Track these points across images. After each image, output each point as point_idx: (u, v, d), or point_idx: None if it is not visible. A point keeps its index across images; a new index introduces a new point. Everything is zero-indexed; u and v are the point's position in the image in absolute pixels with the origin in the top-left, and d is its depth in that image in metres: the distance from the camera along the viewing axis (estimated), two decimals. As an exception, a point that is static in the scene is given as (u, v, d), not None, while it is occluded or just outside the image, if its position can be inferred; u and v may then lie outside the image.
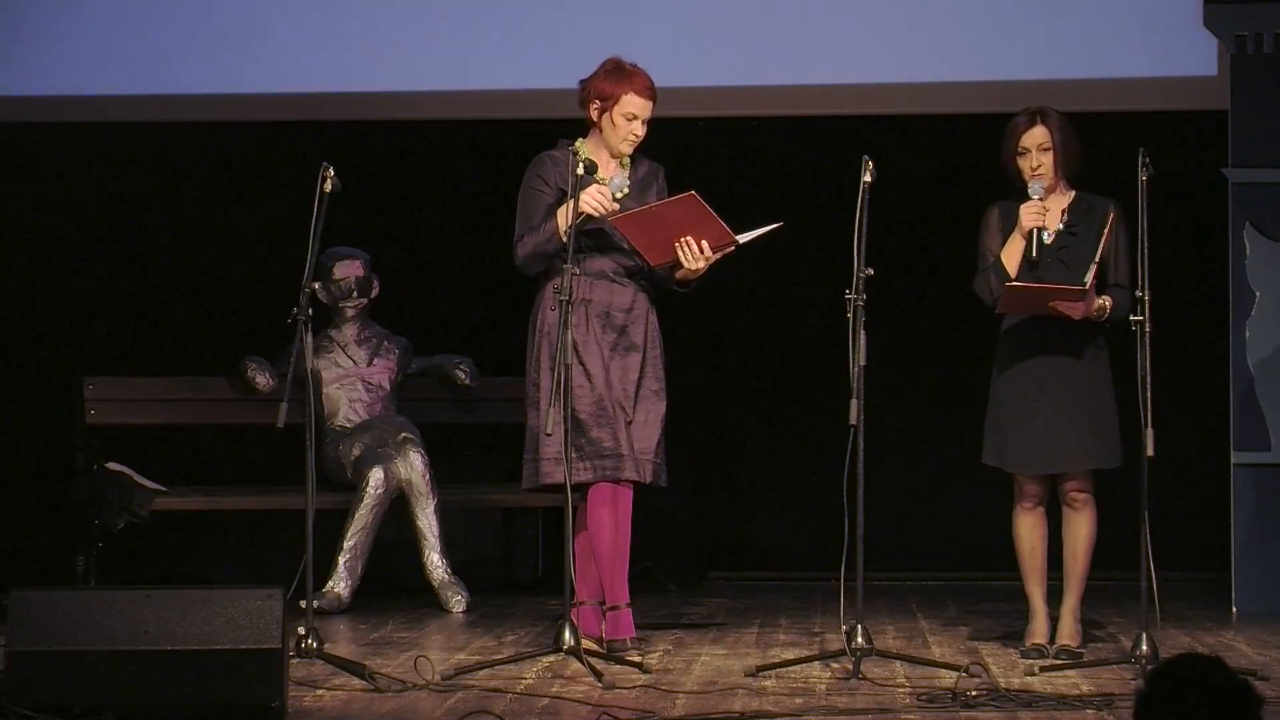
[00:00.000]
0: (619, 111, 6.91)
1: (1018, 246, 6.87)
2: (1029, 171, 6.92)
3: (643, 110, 6.92)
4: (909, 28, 9.19)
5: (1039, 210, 6.83)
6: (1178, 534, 8.23)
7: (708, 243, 6.77)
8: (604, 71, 6.96)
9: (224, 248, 9.79)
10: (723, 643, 7.36)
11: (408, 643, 7.38)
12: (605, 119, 6.94)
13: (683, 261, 6.81)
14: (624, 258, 6.95)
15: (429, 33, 9.33)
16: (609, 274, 6.95)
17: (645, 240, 6.79)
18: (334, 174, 6.66)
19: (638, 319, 6.98)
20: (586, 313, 6.88)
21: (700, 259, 6.80)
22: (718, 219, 6.73)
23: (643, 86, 6.92)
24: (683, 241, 6.77)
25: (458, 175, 9.74)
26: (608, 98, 6.92)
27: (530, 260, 6.92)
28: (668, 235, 6.76)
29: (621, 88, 6.91)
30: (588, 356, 6.83)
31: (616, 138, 6.94)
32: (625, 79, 6.92)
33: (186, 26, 9.41)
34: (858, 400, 6.38)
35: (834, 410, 6.61)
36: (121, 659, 5.46)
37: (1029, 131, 6.92)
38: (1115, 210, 6.90)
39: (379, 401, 8.96)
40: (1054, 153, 6.90)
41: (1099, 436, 6.91)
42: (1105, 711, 5.78)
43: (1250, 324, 8.37)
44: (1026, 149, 6.92)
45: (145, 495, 8.72)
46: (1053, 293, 6.75)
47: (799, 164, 9.51)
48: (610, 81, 6.93)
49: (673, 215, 6.72)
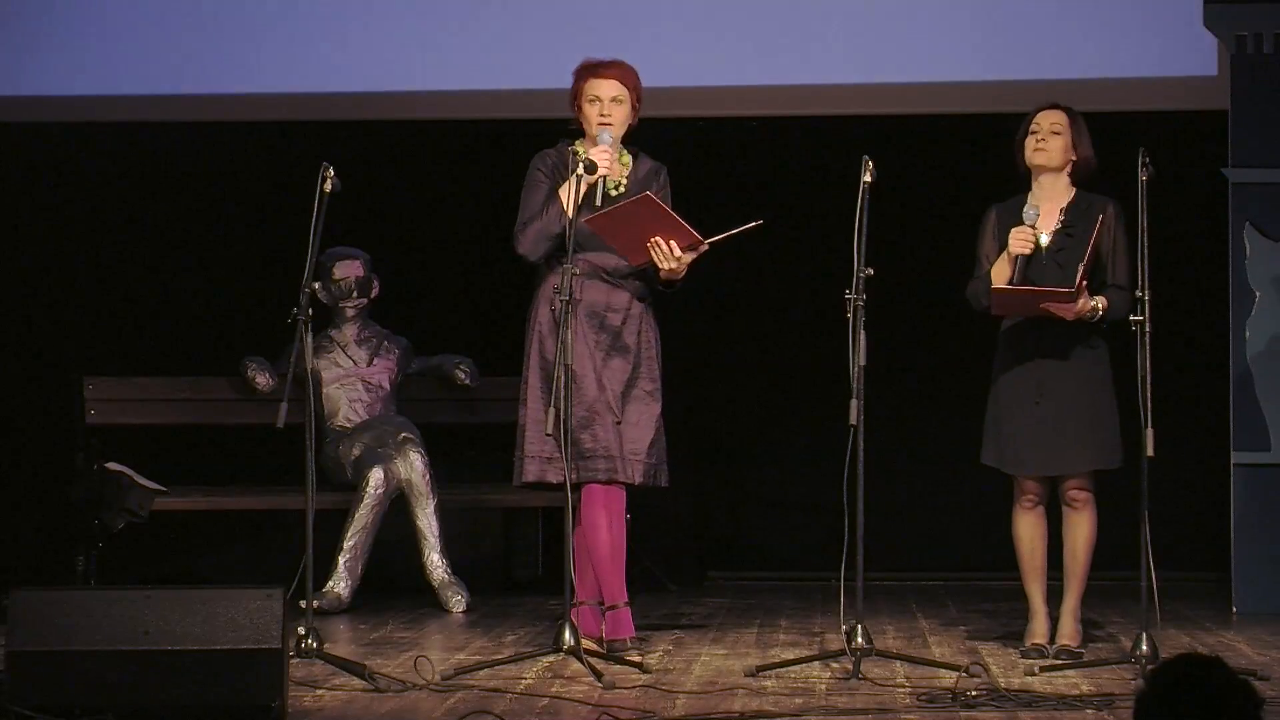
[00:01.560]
0: (583, 100, 7.03)
1: (1005, 267, 6.87)
2: (1034, 147, 6.90)
3: (604, 90, 6.99)
4: (909, 28, 9.20)
5: (1028, 238, 6.82)
6: (1178, 534, 8.23)
7: (676, 243, 6.80)
8: (574, 72, 7.04)
9: (224, 248, 9.79)
10: (723, 643, 7.36)
11: (408, 643, 7.38)
12: (580, 115, 7.03)
13: (657, 262, 6.83)
14: (619, 258, 6.95)
15: (429, 33, 9.33)
16: (603, 274, 6.96)
17: (621, 241, 6.83)
18: (334, 174, 6.67)
19: (631, 320, 6.98)
20: (577, 313, 6.88)
21: (671, 259, 6.82)
22: (678, 220, 6.74)
23: (599, 67, 7.02)
24: (653, 242, 6.79)
25: (458, 175, 9.74)
26: (575, 94, 7.06)
27: (535, 245, 6.93)
28: (639, 236, 6.79)
29: (582, 79, 7.05)
30: (575, 358, 6.83)
31: (590, 126, 7.00)
32: (585, 70, 7.06)
33: (187, 27, 9.41)
34: (858, 400, 6.38)
35: (834, 410, 6.61)
36: (121, 659, 5.46)
37: (1045, 111, 6.92)
38: (1113, 210, 6.90)
39: (379, 401, 8.96)
40: (1063, 138, 6.89)
41: (1098, 437, 6.90)
42: (1105, 711, 5.78)
43: (1250, 324, 8.37)
44: (1038, 127, 6.91)
45: (145, 495, 8.72)
46: (1041, 295, 6.76)
47: (799, 164, 9.51)
48: (576, 77, 7.07)
49: (637, 216, 6.74)
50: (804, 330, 9.43)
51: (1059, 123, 6.90)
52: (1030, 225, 6.84)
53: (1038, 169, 6.93)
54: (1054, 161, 6.91)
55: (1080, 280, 6.72)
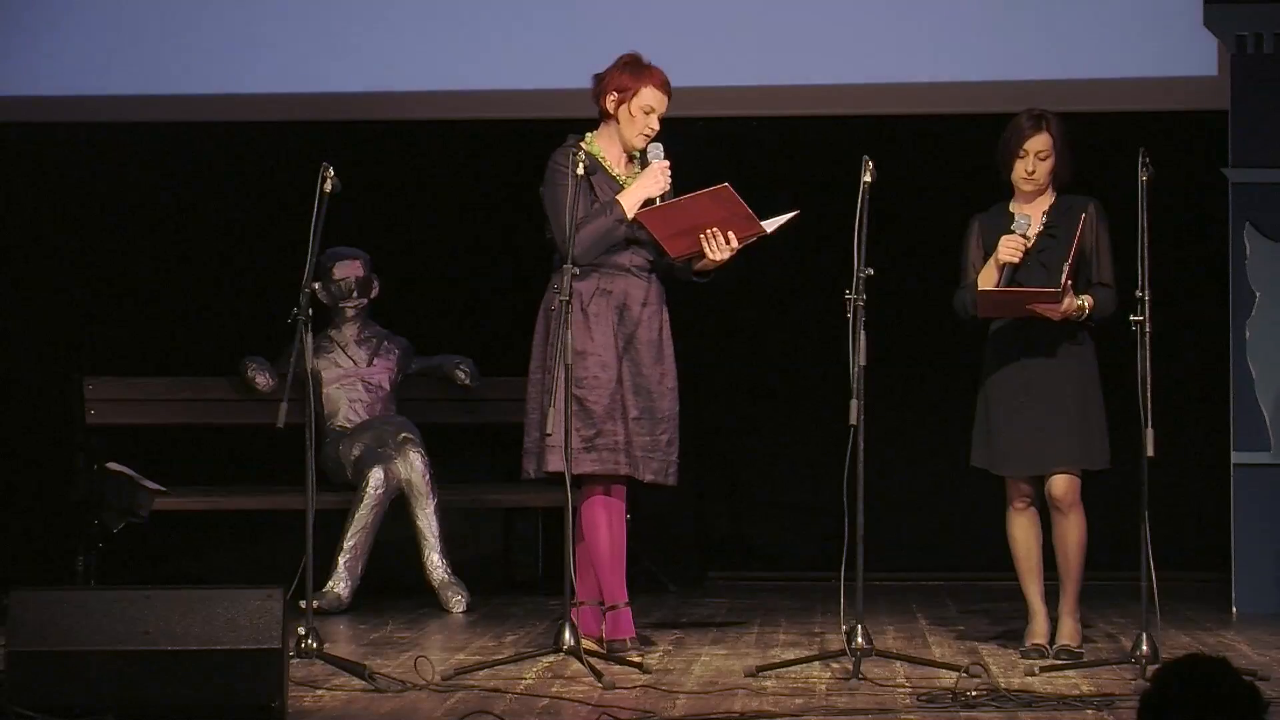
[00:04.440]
0: (637, 104, 6.94)
1: (993, 274, 6.88)
2: (1023, 174, 6.93)
3: (660, 105, 6.96)
4: (909, 28, 9.20)
5: (1018, 247, 6.84)
6: (1178, 534, 8.22)
7: (734, 233, 6.81)
8: (623, 64, 6.98)
9: (224, 248, 9.79)
10: (723, 643, 7.36)
11: (408, 643, 7.38)
12: (623, 110, 6.96)
13: (707, 253, 6.83)
14: (644, 251, 6.96)
15: (429, 33, 9.33)
16: (629, 268, 6.96)
17: (669, 231, 6.81)
18: (334, 174, 6.67)
19: (652, 315, 6.98)
20: (607, 305, 6.89)
21: (726, 250, 6.83)
22: (748, 210, 6.76)
23: (661, 82, 6.97)
24: (710, 233, 6.80)
25: (458, 175, 9.74)
26: (626, 90, 6.95)
27: (592, 249, 6.86)
28: (695, 227, 6.79)
29: (641, 81, 6.94)
30: (605, 351, 6.83)
31: (632, 130, 6.96)
32: (644, 73, 6.96)
33: (187, 27, 9.41)
34: (858, 400, 6.38)
35: (834, 410, 6.61)
36: (121, 659, 5.46)
37: (1033, 138, 6.91)
38: (1093, 209, 6.92)
39: (379, 401, 8.96)
40: (1051, 160, 6.92)
41: (1084, 437, 6.90)
42: (1105, 711, 5.78)
43: (1250, 324, 8.37)
44: (1026, 153, 6.92)
45: (145, 495, 8.72)
46: (1027, 296, 6.77)
47: (799, 164, 9.51)
48: (629, 74, 6.96)
49: (703, 207, 6.75)
50: (804, 330, 9.44)
51: (1045, 149, 6.92)
52: (1022, 235, 6.86)
53: (1027, 193, 6.98)
54: (1042, 187, 6.95)
55: (1065, 280, 6.74)
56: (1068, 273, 6.75)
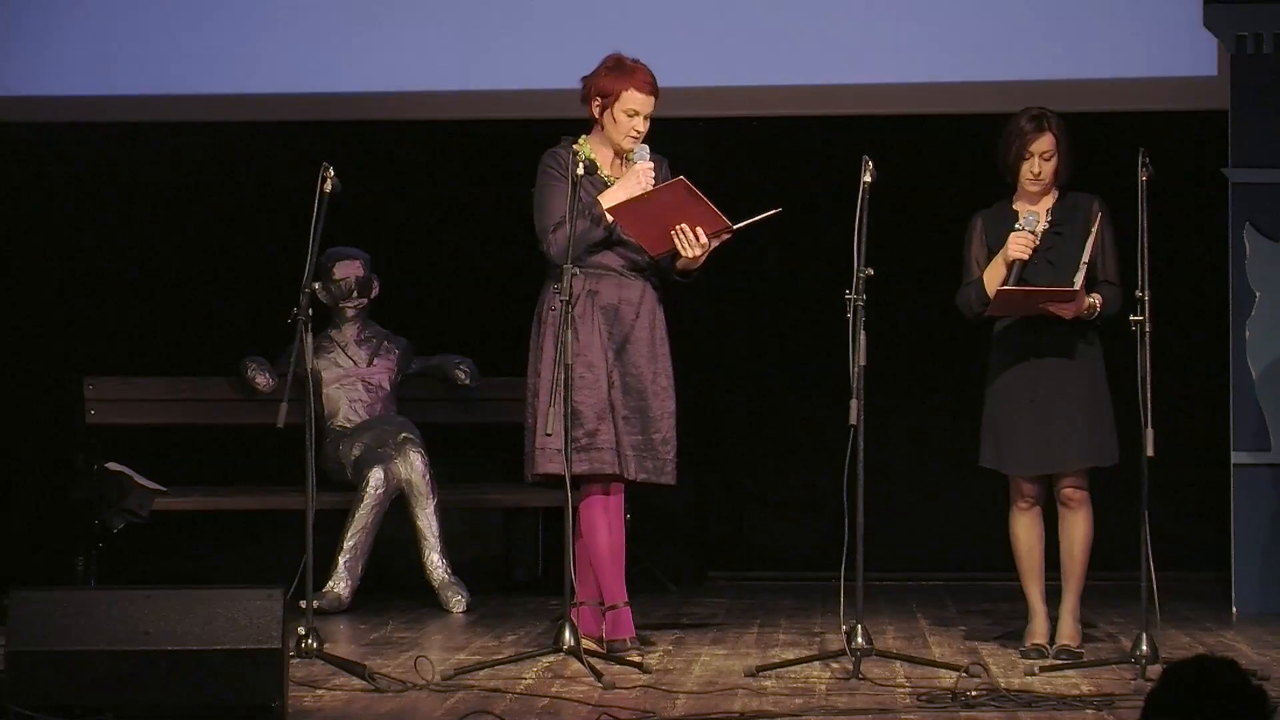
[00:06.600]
0: (620, 108, 6.90)
1: (1000, 271, 6.87)
2: (1029, 175, 6.92)
3: (644, 106, 6.90)
4: (909, 28, 9.20)
5: (1028, 244, 6.83)
6: (1178, 534, 8.22)
7: (703, 230, 6.78)
8: (604, 68, 6.94)
9: (224, 248, 9.79)
10: (723, 643, 7.36)
11: (408, 643, 7.38)
12: (606, 116, 6.92)
13: (680, 250, 6.81)
14: (632, 253, 6.94)
15: (429, 33, 9.34)
16: (616, 269, 6.94)
17: (641, 229, 6.79)
18: (334, 174, 6.66)
19: (645, 315, 6.97)
20: (592, 306, 6.87)
21: (697, 246, 6.79)
22: (709, 204, 6.72)
23: (643, 82, 6.90)
24: (679, 229, 6.77)
25: (458, 175, 9.74)
26: (608, 94, 6.91)
27: (569, 248, 6.84)
28: (663, 223, 6.76)
29: (622, 84, 6.90)
30: (591, 352, 6.83)
31: (618, 134, 6.92)
32: (626, 75, 6.90)
33: (187, 27, 9.41)
34: (858, 400, 6.38)
35: (834, 410, 6.61)
36: (121, 659, 5.46)
37: (1037, 139, 6.90)
38: (1100, 207, 6.91)
39: (379, 401, 8.96)
40: (1056, 159, 6.91)
41: (1093, 434, 6.91)
42: (1105, 711, 5.78)
43: (1250, 324, 8.37)
44: (1031, 155, 6.91)
45: (145, 495, 8.72)
46: (1044, 295, 6.76)
47: (799, 164, 9.51)
48: (611, 78, 6.91)
49: (665, 201, 6.71)
50: (804, 330, 9.43)
51: (1049, 149, 6.91)
52: (1031, 232, 6.84)
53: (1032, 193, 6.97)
54: (1048, 186, 6.94)
55: (1080, 280, 6.74)
56: (1083, 274, 6.75)
